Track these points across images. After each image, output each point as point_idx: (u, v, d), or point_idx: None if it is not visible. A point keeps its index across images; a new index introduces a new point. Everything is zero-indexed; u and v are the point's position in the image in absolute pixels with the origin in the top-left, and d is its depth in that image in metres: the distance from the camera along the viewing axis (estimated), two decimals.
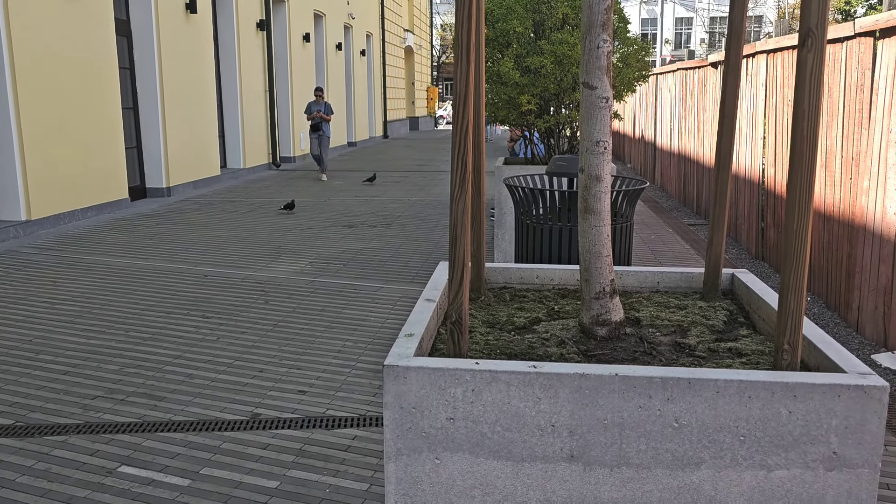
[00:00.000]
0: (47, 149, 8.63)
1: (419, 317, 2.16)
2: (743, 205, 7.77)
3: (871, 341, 4.80)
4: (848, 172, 5.21)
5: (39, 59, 8.48)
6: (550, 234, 3.96)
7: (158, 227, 8.71)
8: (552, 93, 6.20)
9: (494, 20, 6.20)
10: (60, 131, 8.87)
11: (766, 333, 2.27)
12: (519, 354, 2.10)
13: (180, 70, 11.71)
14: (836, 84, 5.39)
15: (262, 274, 6.41)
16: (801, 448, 1.73)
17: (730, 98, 2.50)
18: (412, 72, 32.51)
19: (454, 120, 1.92)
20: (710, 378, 1.73)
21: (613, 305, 2.24)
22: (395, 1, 27.92)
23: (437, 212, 9.91)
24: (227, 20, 13.94)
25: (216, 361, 4.31)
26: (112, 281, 6.17)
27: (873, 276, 4.80)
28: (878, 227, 4.73)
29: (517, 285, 2.82)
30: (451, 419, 1.82)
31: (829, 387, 1.70)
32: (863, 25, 4.94)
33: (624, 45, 6.49)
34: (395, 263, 6.82)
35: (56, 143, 8.79)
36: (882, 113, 4.68)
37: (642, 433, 1.77)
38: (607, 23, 2.16)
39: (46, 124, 8.62)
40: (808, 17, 1.76)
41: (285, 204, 9.91)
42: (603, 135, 2.20)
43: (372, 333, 4.80)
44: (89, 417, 3.56)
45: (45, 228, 8.56)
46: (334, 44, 20.20)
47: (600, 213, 2.23)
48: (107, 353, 4.46)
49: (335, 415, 3.58)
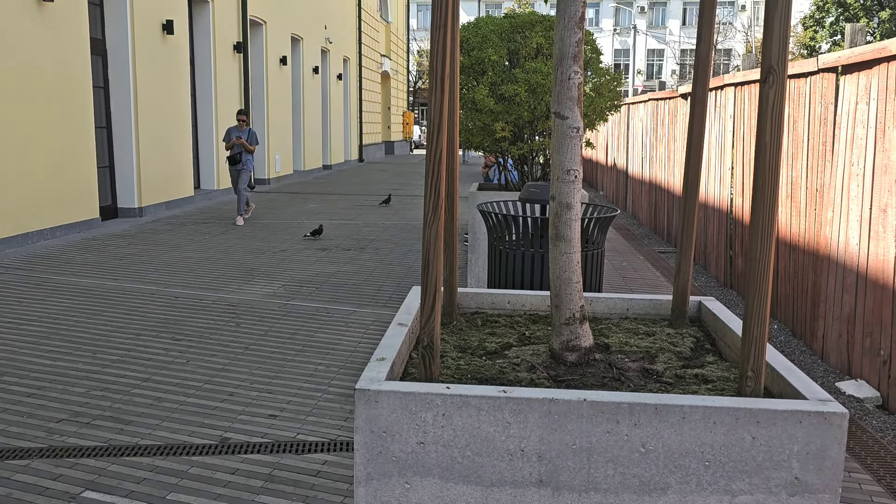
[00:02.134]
0: (17, 166, 8.52)
1: (391, 341, 2.17)
2: (712, 233, 7.91)
3: (835, 369, 4.89)
4: (812, 203, 5.34)
5: (11, 76, 8.40)
6: (523, 260, 4.00)
7: (129, 248, 8.61)
8: (526, 120, 6.29)
9: (470, 48, 6.30)
10: (31, 149, 8.76)
11: (732, 360, 2.32)
12: (490, 379, 2.12)
13: (155, 90, 11.67)
14: (801, 117, 5.54)
15: (233, 296, 6.36)
16: (764, 473, 1.76)
17: (697, 129, 2.57)
18: (388, 96, 32.71)
19: (428, 147, 1.95)
20: (676, 404, 1.76)
21: (583, 331, 2.27)
22: (372, 27, 28.16)
23: (411, 236, 9.94)
24: (204, 42, 13.94)
25: (186, 384, 4.26)
26: (80, 301, 6.09)
27: (837, 305, 4.90)
28: (842, 257, 4.85)
29: (489, 310, 2.84)
30: (422, 443, 1.83)
31: (790, 413, 1.74)
32: (826, 62, 5.10)
33: (596, 75, 6.62)
34: (368, 287, 6.82)
35: (26, 161, 8.68)
36: (844, 147, 4.82)
37: (610, 458, 1.79)
38: (578, 55, 2.22)
39: (17, 141, 8.51)
40: (770, 55, 1.83)
41: (312, 230, 9.54)
42: (573, 164, 2.25)
43: (344, 357, 4.79)
44: (53, 441, 3.50)
45: (12, 247, 8.42)
46: (311, 67, 20.28)
47: (571, 240, 2.27)
48: (73, 375, 4.39)
49: (305, 439, 3.56)
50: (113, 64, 10.95)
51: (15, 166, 8.48)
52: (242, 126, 10.95)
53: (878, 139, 4.40)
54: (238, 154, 10.86)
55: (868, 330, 4.50)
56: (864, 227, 4.56)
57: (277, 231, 10.17)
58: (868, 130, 4.52)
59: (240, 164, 10.85)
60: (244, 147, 10.85)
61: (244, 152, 10.87)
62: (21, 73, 8.56)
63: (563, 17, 2.23)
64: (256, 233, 9.95)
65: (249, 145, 10.92)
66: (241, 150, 10.83)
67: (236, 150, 10.84)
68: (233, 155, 10.89)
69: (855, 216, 4.68)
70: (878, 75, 4.42)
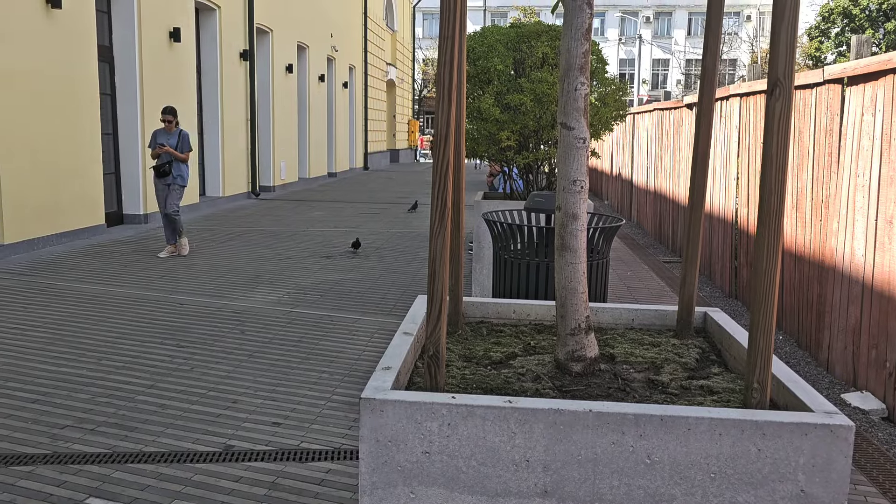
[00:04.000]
0: (23, 172, 8.56)
1: (396, 350, 2.18)
2: (717, 244, 7.89)
3: (841, 381, 4.87)
4: (818, 214, 5.33)
5: (19, 82, 8.46)
6: (528, 269, 4.00)
7: (134, 254, 8.64)
8: (531, 129, 6.30)
9: (476, 58, 6.32)
10: (38, 155, 8.81)
11: (737, 372, 2.31)
12: (495, 389, 2.12)
13: (162, 97, 11.72)
14: (807, 128, 5.54)
15: (238, 303, 6.37)
16: (769, 486, 1.76)
17: (703, 139, 2.58)
18: (394, 104, 32.79)
19: (434, 157, 1.96)
20: (682, 415, 1.76)
21: (588, 342, 2.27)
22: (378, 35, 28.26)
23: (415, 244, 9.95)
24: (211, 49, 14.01)
25: (190, 391, 4.26)
26: (85, 308, 6.10)
27: (843, 317, 4.89)
28: (847, 269, 4.84)
29: (494, 320, 2.84)
30: (427, 453, 1.83)
31: (796, 425, 1.74)
32: (831, 73, 5.10)
33: (602, 84, 6.64)
34: (372, 295, 6.82)
35: (33, 167, 8.72)
36: (850, 158, 4.82)
37: (615, 469, 1.79)
38: (585, 66, 2.23)
39: (23, 147, 8.56)
40: (776, 67, 1.83)
41: (352, 243, 9.15)
42: (580, 174, 2.26)
43: (348, 365, 4.79)
44: (58, 447, 3.50)
45: (18, 253, 8.45)
46: (317, 75, 20.35)
47: (576, 250, 2.27)
48: (78, 381, 4.39)
49: (309, 447, 3.56)
50: (120, 71, 11.01)
51: (21, 172, 8.52)
52: (170, 128, 8.55)
53: (884, 150, 4.40)
54: (166, 164, 8.43)
55: (874, 341, 4.48)
56: (870, 238, 4.55)
57: (283, 238, 10.19)
58: (874, 142, 4.52)
59: (170, 176, 8.47)
60: (173, 156, 8.46)
61: (174, 162, 8.51)
62: (29, 80, 8.61)
63: (569, 29, 2.24)
64: (262, 240, 9.96)
65: (180, 153, 8.53)
66: (170, 159, 8.47)
67: (163, 160, 8.44)
68: (159, 165, 8.44)
69: (861, 227, 4.67)
70: (884, 87, 4.42)
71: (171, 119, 8.52)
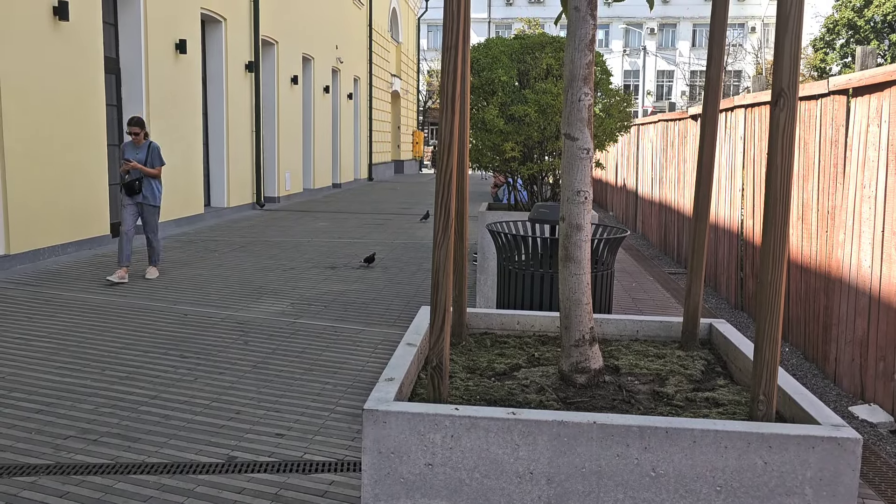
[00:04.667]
0: (29, 183, 8.59)
1: (400, 361, 2.17)
2: (722, 255, 7.87)
3: (848, 393, 4.84)
4: (824, 226, 5.31)
5: (26, 93, 8.51)
6: (532, 280, 3.99)
7: (138, 265, 8.65)
8: (535, 140, 6.31)
9: (480, 69, 6.33)
10: (44, 166, 8.84)
11: (743, 384, 2.30)
12: (498, 401, 2.11)
13: (168, 109, 11.78)
14: (812, 139, 5.53)
15: (242, 314, 6.37)
16: (776, 499, 1.74)
17: (707, 150, 2.57)
18: (398, 116, 32.89)
19: (438, 167, 1.96)
20: (687, 427, 1.74)
21: (593, 353, 2.25)
22: (383, 47, 28.39)
23: (419, 255, 9.94)
24: (217, 61, 14.09)
25: (193, 402, 4.25)
26: (89, 318, 6.10)
27: (850, 329, 4.86)
28: (854, 280, 4.81)
29: (498, 331, 2.83)
30: (430, 465, 1.81)
31: (803, 438, 1.72)
32: (836, 84, 5.10)
33: (606, 95, 6.64)
34: (376, 306, 6.81)
35: (39, 178, 8.76)
36: (856, 169, 4.80)
37: (620, 482, 1.77)
38: (589, 77, 2.23)
39: (29, 158, 8.60)
40: (781, 77, 1.83)
41: (366, 258, 8.89)
42: (583, 185, 2.25)
43: (352, 377, 4.77)
44: (61, 458, 3.49)
45: (23, 263, 8.47)
46: (322, 87, 20.44)
47: (580, 261, 2.26)
48: (81, 391, 4.39)
49: (312, 459, 3.54)
50: (126, 82, 11.07)
51: (27, 182, 8.56)
52: (138, 141, 7.66)
53: (890, 161, 4.39)
54: (136, 182, 7.53)
55: (881, 353, 4.45)
56: (877, 249, 4.52)
57: (287, 249, 10.19)
58: (880, 153, 4.51)
59: (140, 195, 7.60)
60: (141, 171, 7.57)
61: (144, 178, 7.62)
62: (36, 91, 8.66)
63: (573, 40, 2.24)
64: (266, 251, 9.97)
65: (150, 168, 7.64)
66: (140, 175, 7.58)
67: (133, 176, 7.54)
68: (129, 183, 7.53)
69: (867, 239, 4.65)
70: (889, 97, 4.41)
71: (139, 131, 7.63)
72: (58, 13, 8.95)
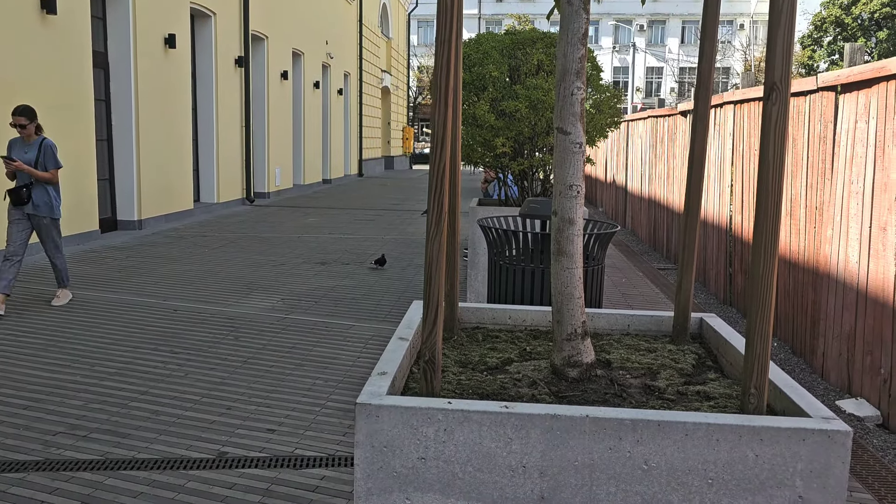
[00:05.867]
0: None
1: (392, 355, 2.17)
2: (711, 251, 7.91)
3: (835, 387, 4.88)
4: (812, 221, 5.35)
5: (13, 88, 8.43)
6: (523, 275, 3.99)
7: (128, 260, 8.60)
8: (526, 136, 6.31)
9: (471, 64, 6.33)
10: None
11: (734, 377, 2.31)
12: (491, 395, 2.11)
13: (157, 103, 11.70)
14: (801, 136, 5.56)
15: (232, 309, 6.34)
16: (767, 491, 1.75)
17: (698, 146, 2.58)
18: (388, 111, 32.82)
19: (431, 162, 1.96)
20: (679, 421, 1.75)
21: (585, 347, 2.26)
22: (373, 42, 28.31)
23: (410, 250, 9.93)
24: (206, 56, 14.00)
25: (183, 398, 4.23)
26: (78, 314, 6.07)
27: (837, 324, 4.90)
28: (842, 276, 4.85)
29: (490, 325, 2.84)
30: (423, 459, 1.81)
31: (794, 431, 1.73)
32: (825, 80, 5.13)
33: (597, 91, 6.65)
34: (367, 301, 6.81)
35: None
36: (844, 165, 4.83)
37: (612, 475, 1.78)
38: (581, 71, 2.23)
39: None
40: (773, 72, 1.84)
41: (376, 259, 8.55)
42: (576, 179, 2.25)
43: (343, 372, 4.77)
44: (50, 454, 3.47)
45: None
46: (312, 82, 20.36)
47: (573, 255, 2.26)
48: (71, 387, 4.36)
49: (304, 454, 3.53)
50: (115, 77, 10.99)
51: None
52: (28, 137, 6.03)
53: (877, 157, 4.42)
54: (23, 188, 5.94)
55: (868, 348, 4.49)
56: (864, 245, 4.56)
57: (277, 245, 10.16)
58: (868, 149, 4.54)
59: (29, 204, 5.98)
60: (31, 175, 5.96)
61: (34, 184, 6.00)
62: (23, 86, 8.58)
63: (566, 34, 2.24)
64: (256, 246, 9.94)
65: (41, 171, 5.99)
66: (30, 180, 6.00)
67: (21, 182, 6.00)
68: (15, 190, 5.94)
69: (855, 234, 4.68)
70: (877, 94, 4.44)
71: (25, 123, 5.94)
72: (45, 6, 8.87)
